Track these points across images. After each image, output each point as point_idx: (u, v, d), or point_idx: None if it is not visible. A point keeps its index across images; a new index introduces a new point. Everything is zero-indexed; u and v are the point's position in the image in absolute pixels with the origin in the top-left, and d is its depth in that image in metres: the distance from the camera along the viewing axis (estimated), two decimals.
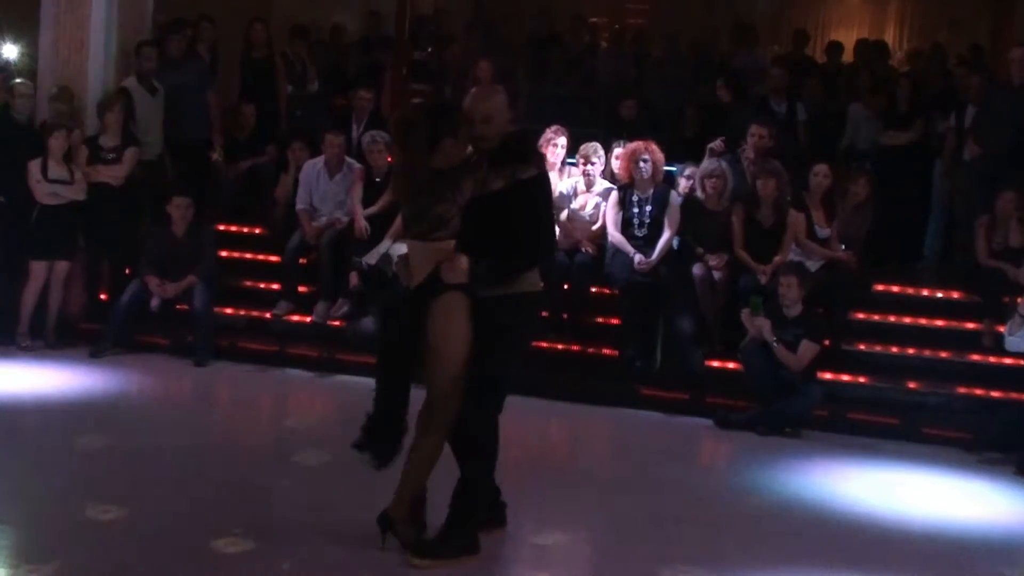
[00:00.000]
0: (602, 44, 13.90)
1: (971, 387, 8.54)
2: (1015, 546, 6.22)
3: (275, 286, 9.58)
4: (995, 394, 8.43)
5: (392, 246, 7.72)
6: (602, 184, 9.11)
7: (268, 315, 9.38)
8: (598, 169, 9.12)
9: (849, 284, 8.88)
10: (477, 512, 5.24)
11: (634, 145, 8.91)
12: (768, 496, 6.66)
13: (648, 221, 8.78)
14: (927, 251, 10.66)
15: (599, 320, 9.11)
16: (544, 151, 8.75)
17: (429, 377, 5.11)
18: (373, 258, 8.61)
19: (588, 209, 9.06)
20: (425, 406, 5.18)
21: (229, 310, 9.45)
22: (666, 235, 8.76)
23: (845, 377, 8.61)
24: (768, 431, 7.93)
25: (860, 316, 9.04)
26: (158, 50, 9.95)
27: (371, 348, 8.06)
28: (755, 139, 9.24)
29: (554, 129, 9.06)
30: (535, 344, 7.50)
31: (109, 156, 9.29)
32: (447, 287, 5.03)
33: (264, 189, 10.28)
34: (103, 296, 9.58)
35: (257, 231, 10.20)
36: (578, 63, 12.72)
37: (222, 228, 9.96)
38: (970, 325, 8.88)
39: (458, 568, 5.08)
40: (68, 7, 9.56)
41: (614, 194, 8.91)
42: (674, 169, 9.46)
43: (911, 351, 8.86)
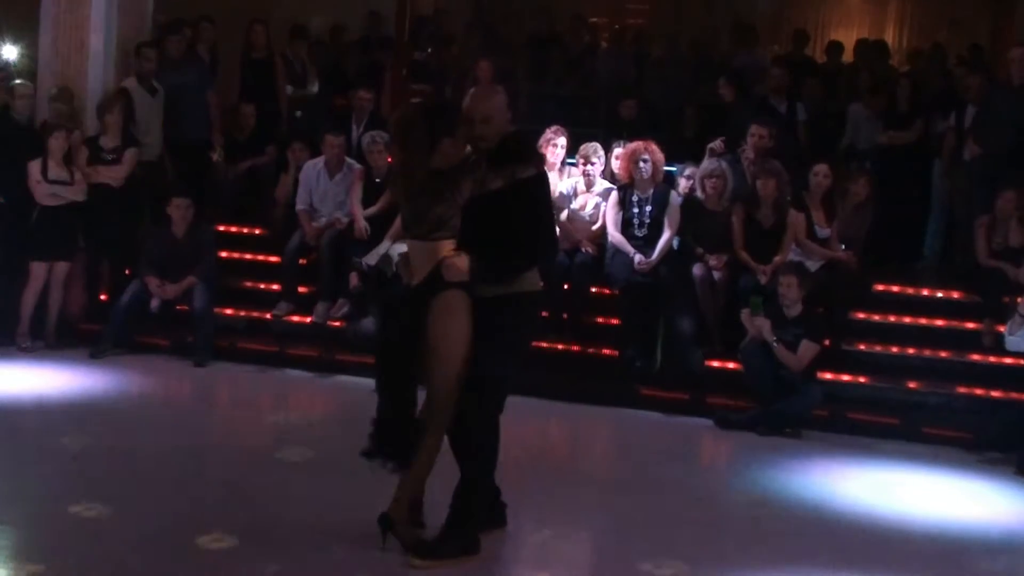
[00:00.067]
0: (602, 44, 13.88)
1: (971, 387, 8.52)
2: (1015, 546, 6.22)
3: (275, 287, 9.57)
4: (995, 394, 8.42)
5: (392, 247, 7.74)
6: (602, 184, 9.11)
7: (268, 316, 9.38)
8: (598, 169, 9.12)
9: (849, 284, 8.88)
10: (477, 512, 5.24)
11: (634, 145, 8.91)
12: (768, 496, 6.66)
13: (648, 221, 8.78)
14: (927, 251, 10.65)
15: (599, 320, 9.10)
16: (544, 151, 8.75)
17: (429, 377, 5.11)
18: (373, 258, 8.64)
19: (588, 209, 9.06)
20: (425, 406, 5.18)
21: (229, 311, 9.45)
22: (666, 235, 8.76)
23: (845, 377, 8.60)
24: (768, 431, 7.92)
25: (860, 316, 9.03)
26: (158, 51, 9.94)
27: (371, 348, 8.10)
28: (755, 139, 9.24)
29: (554, 129, 9.06)
30: (535, 344, 7.49)
31: (109, 157, 9.28)
32: (448, 285, 5.03)
33: (264, 190, 10.27)
34: (103, 297, 9.58)
35: (257, 232, 10.19)
36: (578, 63, 12.72)
37: (222, 229, 9.95)
38: (970, 325, 8.87)
39: (458, 568, 5.08)
40: (68, 8, 9.55)
41: (614, 194, 8.91)
42: (674, 169, 9.45)
43: (911, 351, 8.84)
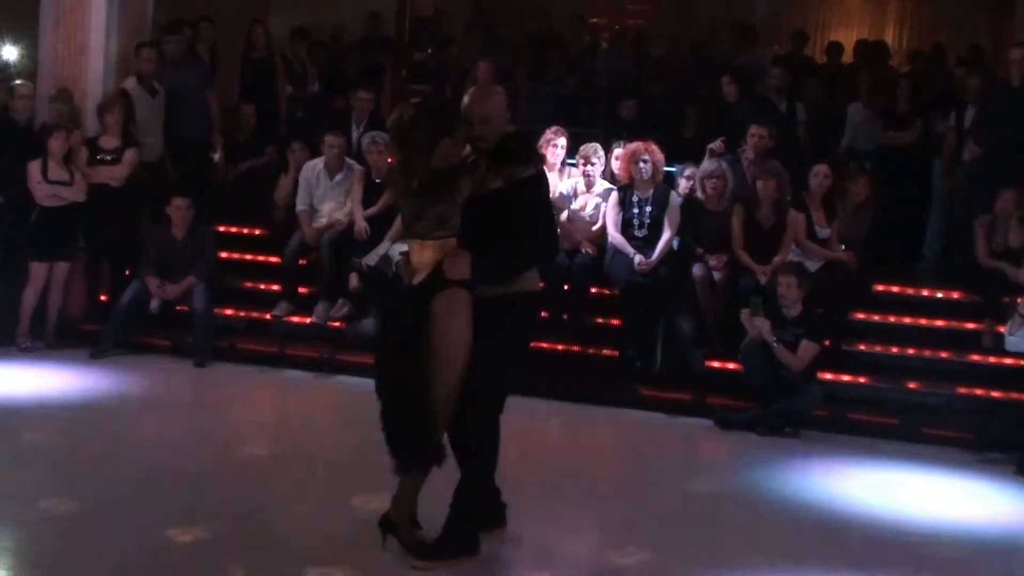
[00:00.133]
0: (602, 44, 13.89)
1: (971, 387, 8.52)
2: (1015, 546, 6.22)
3: (275, 287, 9.57)
4: (995, 394, 8.42)
5: (392, 247, 7.74)
6: (602, 185, 9.11)
7: (268, 316, 9.38)
8: (598, 170, 9.12)
9: (849, 284, 8.88)
10: (477, 513, 5.24)
11: (634, 146, 8.91)
12: (768, 496, 6.66)
13: (648, 222, 8.78)
14: (927, 251, 10.65)
15: (599, 321, 9.10)
16: (544, 152, 8.76)
17: (430, 377, 5.09)
18: (373, 259, 8.65)
19: (588, 210, 9.06)
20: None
21: (229, 311, 9.45)
22: (666, 235, 8.76)
23: (845, 377, 8.60)
24: (768, 431, 7.92)
25: (860, 316, 9.03)
26: (158, 51, 9.94)
27: (372, 349, 8.10)
28: (755, 140, 9.25)
29: (554, 130, 9.07)
30: (535, 344, 7.52)
31: (109, 157, 9.28)
32: (449, 284, 5.03)
33: (264, 190, 10.27)
34: (103, 297, 9.58)
35: (257, 232, 10.20)
36: (578, 63, 12.72)
37: (222, 229, 9.96)
38: (970, 325, 8.87)
39: (458, 569, 5.08)
40: (68, 8, 9.55)
41: (614, 195, 8.91)
42: (674, 170, 9.45)
43: (911, 351, 8.84)
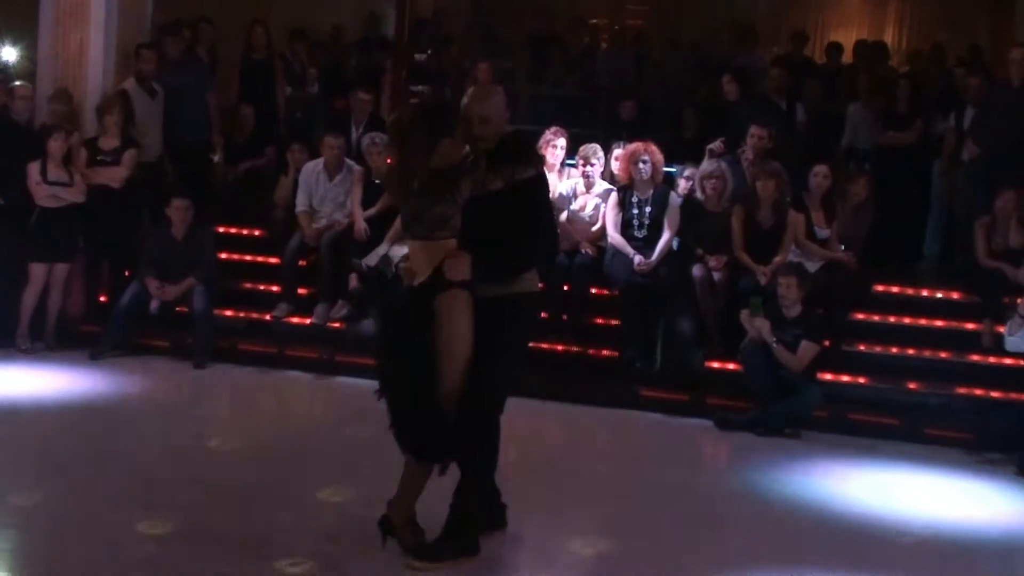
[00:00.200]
0: (602, 45, 13.90)
1: (971, 387, 8.52)
2: (1015, 547, 6.22)
3: (275, 288, 9.57)
4: (995, 394, 8.42)
5: (392, 248, 7.73)
6: (602, 185, 9.11)
7: (268, 317, 9.37)
8: (598, 170, 9.11)
9: (849, 285, 8.87)
10: (477, 513, 5.23)
11: (633, 146, 8.91)
12: (768, 497, 6.65)
13: (648, 222, 8.78)
14: (927, 251, 10.66)
15: (599, 321, 9.10)
16: (543, 152, 8.76)
17: (435, 376, 5.08)
18: (373, 260, 8.62)
19: (588, 210, 9.06)
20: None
21: (229, 312, 9.44)
22: (666, 236, 8.76)
23: (845, 378, 8.60)
24: (768, 432, 7.92)
25: (860, 317, 9.02)
26: (157, 52, 9.94)
27: (372, 349, 8.09)
28: (754, 140, 9.25)
29: (553, 130, 9.07)
30: (535, 345, 7.52)
31: (108, 158, 9.27)
32: (450, 286, 5.02)
33: (263, 191, 10.26)
34: (103, 298, 9.57)
35: (256, 233, 10.19)
36: (578, 64, 12.74)
37: (221, 230, 9.95)
38: (970, 325, 8.87)
39: (458, 570, 5.07)
40: (67, 9, 9.55)
41: (614, 195, 8.91)
42: (674, 170, 9.45)
43: (911, 351, 8.84)
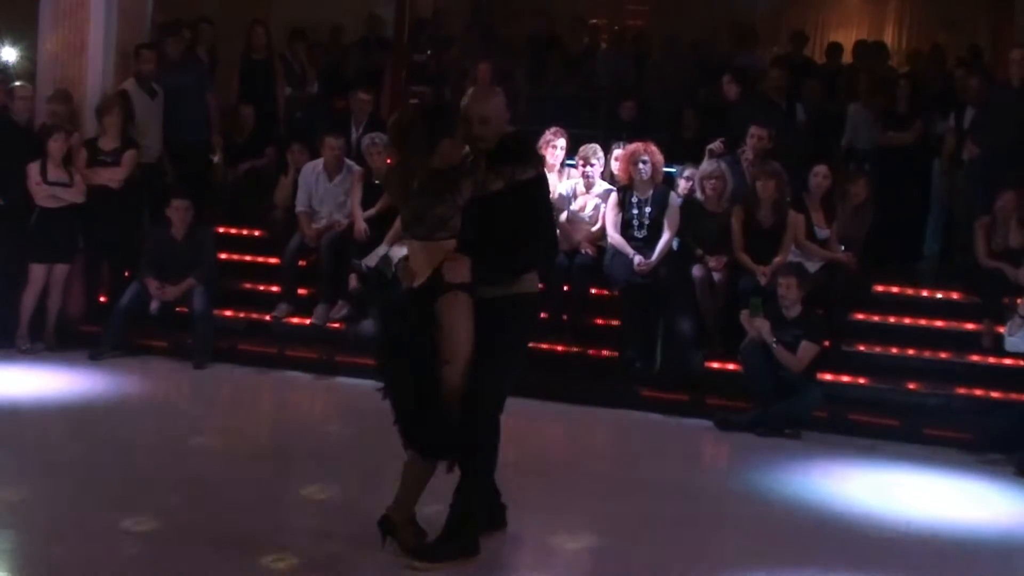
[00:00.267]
0: (602, 45, 13.90)
1: (971, 388, 8.52)
2: (1015, 547, 6.22)
3: (274, 288, 9.57)
4: (995, 395, 8.42)
5: (392, 249, 7.72)
6: (602, 185, 9.11)
7: (268, 317, 9.38)
8: (597, 170, 9.11)
9: (849, 285, 8.87)
10: (477, 513, 5.23)
11: (633, 146, 8.91)
12: (768, 497, 6.65)
13: (648, 222, 8.78)
14: (927, 252, 10.65)
15: (599, 321, 9.10)
16: (543, 153, 8.76)
17: (438, 377, 5.07)
18: (372, 260, 8.61)
19: (588, 211, 9.06)
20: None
21: (228, 312, 9.44)
22: (666, 236, 8.76)
23: (845, 378, 8.60)
24: (768, 432, 7.92)
25: (860, 317, 9.02)
26: (157, 52, 9.94)
27: (371, 350, 8.09)
28: (754, 141, 9.25)
29: (553, 131, 9.07)
30: (535, 346, 7.52)
31: (108, 158, 9.28)
32: (450, 287, 5.02)
33: (263, 191, 10.26)
34: (102, 298, 9.57)
35: (256, 233, 10.20)
36: (577, 64, 12.73)
37: (221, 230, 9.96)
38: (970, 326, 8.87)
39: (458, 570, 5.07)
40: (67, 10, 9.56)
41: (613, 195, 8.91)
42: (673, 170, 9.45)
43: (911, 352, 8.84)
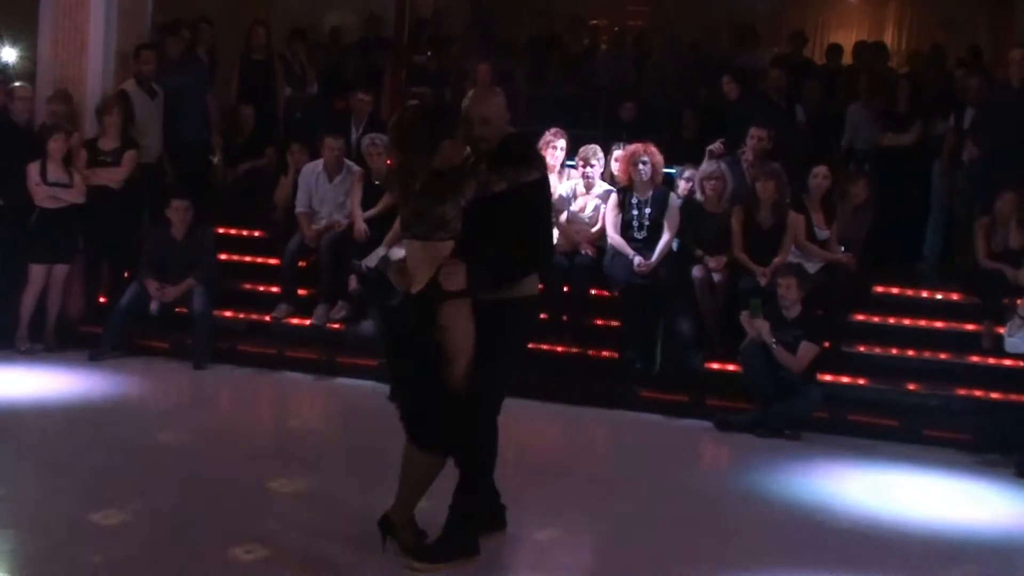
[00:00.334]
0: (601, 46, 13.89)
1: (971, 389, 8.51)
2: (1014, 547, 6.21)
3: (274, 289, 9.57)
4: (995, 395, 8.41)
5: (392, 249, 7.71)
6: (601, 186, 9.11)
7: (267, 318, 9.38)
8: (597, 171, 9.11)
9: (848, 286, 8.88)
10: (476, 514, 5.23)
11: (633, 147, 8.91)
12: (768, 498, 6.65)
13: (647, 223, 8.78)
14: (927, 252, 10.65)
15: (599, 322, 9.10)
16: (543, 153, 8.75)
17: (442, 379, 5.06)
18: (372, 261, 8.60)
19: (587, 211, 9.06)
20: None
21: (228, 313, 9.44)
22: (665, 237, 8.76)
23: (845, 379, 8.59)
24: (768, 433, 7.92)
25: (860, 318, 9.02)
26: (157, 53, 9.94)
27: (371, 351, 8.09)
28: (754, 141, 9.26)
29: (553, 131, 9.06)
30: (535, 346, 7.52)
31: (108, 159, 9.28)
32: (448, 296, 5.00)
33: (263, 192, 10.27)
34: (102, 299, 9.57)
35: (256, 234, 10.20)
36: (577, 65, 12.73)
37: (221, 231, 9.96)
38: (970, 327, 8.86)
39: (458, 571, 5.07)
40: (67, 10, 9.55)
41: (613, 196, 8.91)
42: (673, 171, 9.45)
43: (911, 353, 8.84)
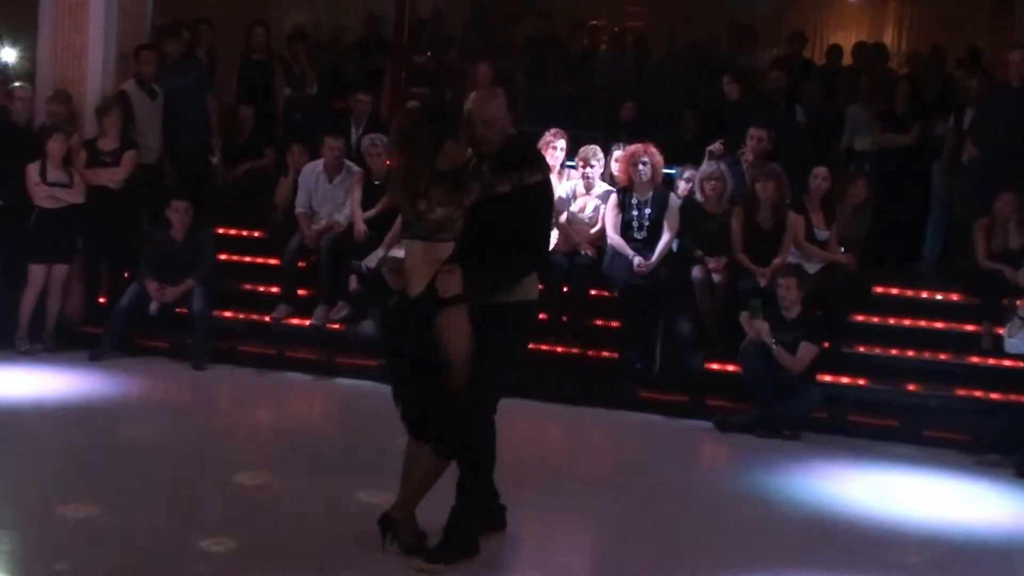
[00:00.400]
0: (601, 46, 13.90)
1: (970, 389, 8.51)
2: (1015, 548, 6.22)
3: (274, 289, 9.56)
4: (994, 396, 8.41)
5: (392, 250, 7.72)
6: (601, 187, 9.11)
7: (267, 318, 9.37)
8: (597, 172, 9.11)
9: (848, 286, 8.88)
10: (476, 514, 5.23)
11: (633, 148, 8.91)
12: (767, 498, 6.65)
13: (647, 224, 8.78)
14: (926, 253, 10.65)
15: (599, 323, 9.10)
16: (543, 154, 8.75)
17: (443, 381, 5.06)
18: (372, 261, 8.63)
19: (587, 212, 9.06)
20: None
21: (228, 313, 9.44)
22: (665, 237, 8.76)
23: (845, 379, 8.59)
24: (767, 433, 7.92)
25: (859, 318, 9.02)
26: (157, 53, 9.93)
27: (371, 351, 8.10)
28: (754, 142, 9.26)
29: (553, 132, 9.06)
30: (535, 347, 7.52)
31: (108, 159, 9.27)
32: (446, 302, 4.98)
33: (263, 192, 10.26)
34: (102, 300, 9.56)
35: (256, 234, 10.19)
36: (577, 65, 12.74)
37: (221, 231, 9.95)
38: (969, 327, 8.86)
39: (458, 571, 5.07)
40: (67, 10, 9.55)
41: (613, 197, 8.91)
42: (673, 172, 9.45)
43: (910, 353, 8.83)
